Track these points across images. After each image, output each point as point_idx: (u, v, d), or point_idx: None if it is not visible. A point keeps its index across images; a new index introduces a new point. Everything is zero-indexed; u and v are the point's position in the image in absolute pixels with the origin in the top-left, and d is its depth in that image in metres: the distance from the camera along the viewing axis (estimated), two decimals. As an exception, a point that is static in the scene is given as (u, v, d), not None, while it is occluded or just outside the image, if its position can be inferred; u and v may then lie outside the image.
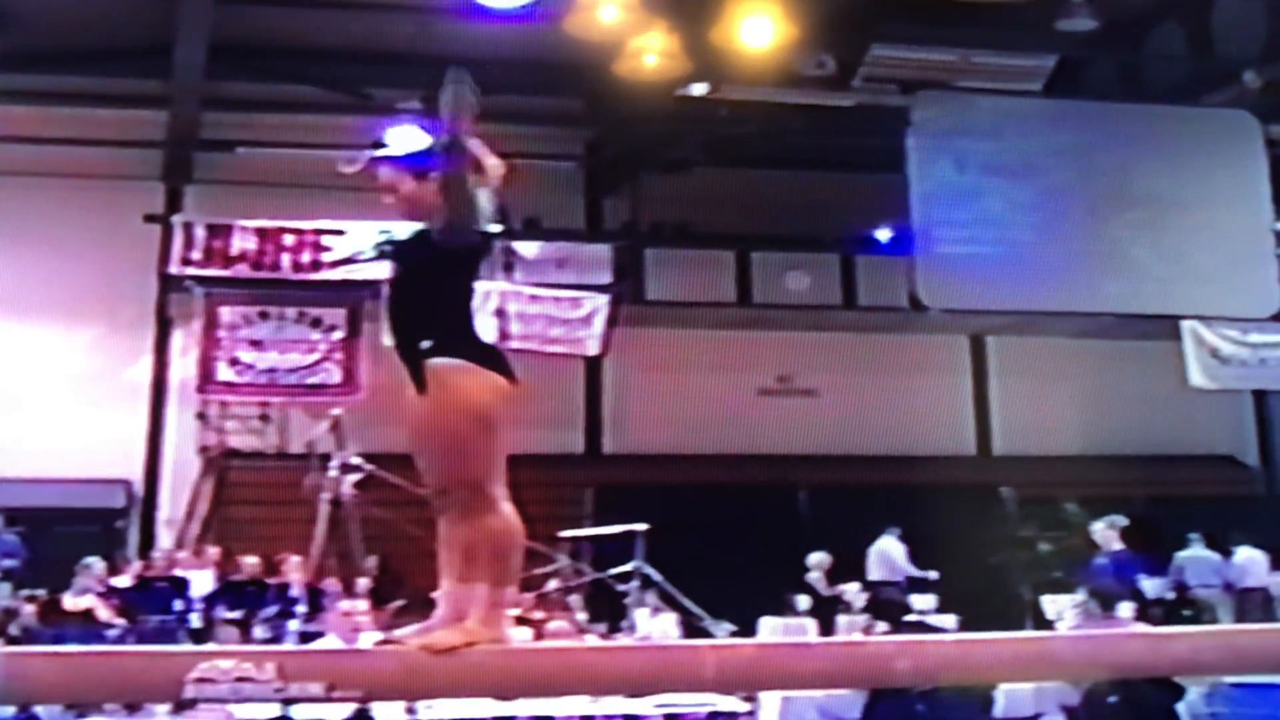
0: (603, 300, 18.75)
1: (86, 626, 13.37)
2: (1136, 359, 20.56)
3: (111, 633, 13.37)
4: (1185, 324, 18.97)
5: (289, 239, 18.57)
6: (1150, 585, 16.45)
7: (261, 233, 18.53)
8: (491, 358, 4.53)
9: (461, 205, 4.51)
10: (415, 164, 4.63)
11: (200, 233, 18.52)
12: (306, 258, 18.57)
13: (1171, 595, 16.78)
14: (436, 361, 4.43)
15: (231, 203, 18.84)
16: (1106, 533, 13.54)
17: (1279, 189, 19.01)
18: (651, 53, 16.95)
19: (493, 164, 4.68)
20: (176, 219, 18.86)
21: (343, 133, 18.47)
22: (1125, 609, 11.87)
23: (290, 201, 18.41)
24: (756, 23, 16.90)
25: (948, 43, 17.95)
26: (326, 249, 18.52)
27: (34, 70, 17.91)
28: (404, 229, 4.72)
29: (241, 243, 18.47)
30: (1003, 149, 18.12)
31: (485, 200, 4.64)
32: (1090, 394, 21.26)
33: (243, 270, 18.51)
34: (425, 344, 4.46)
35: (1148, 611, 14.79)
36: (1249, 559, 17.46)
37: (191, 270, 18.52)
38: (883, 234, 20.15)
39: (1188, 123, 19.01)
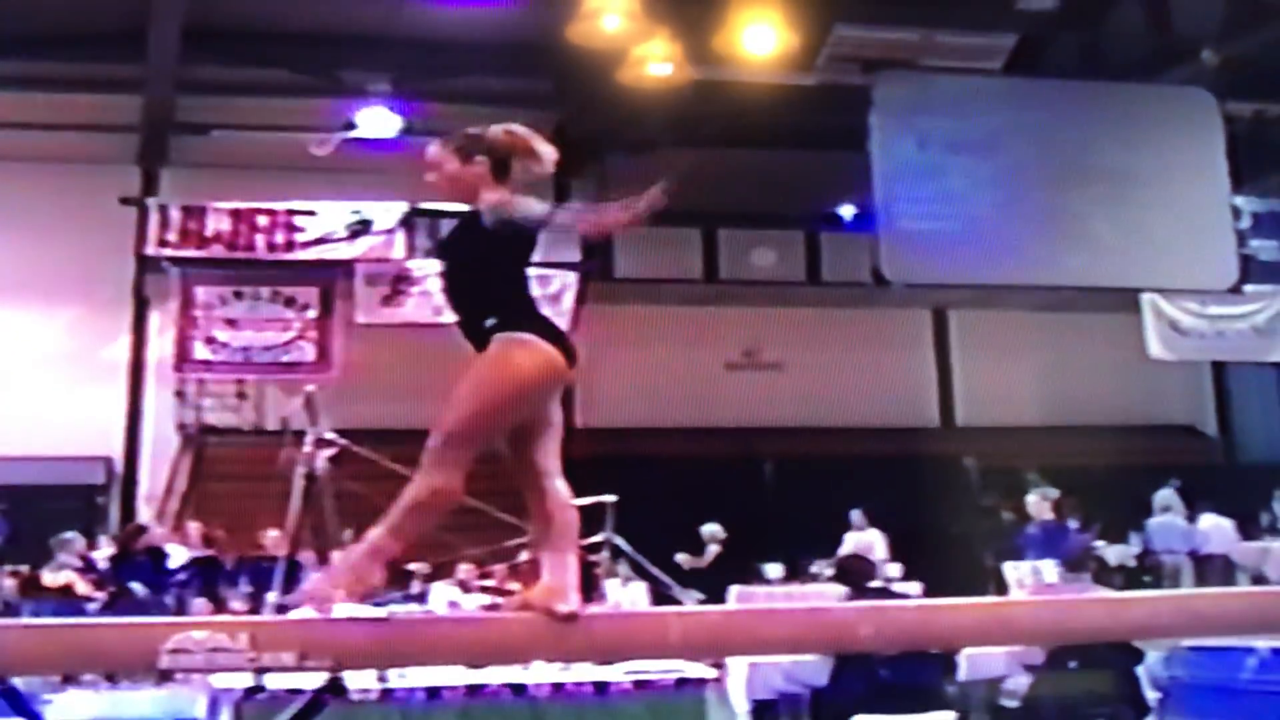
0: (572, 278, 18.80)
1: (66, 600, 13.46)
2: (1097, 331, 20.80)
3: (92, 606, 13.48)
4: (1145, 296, 19.16)
5: (262, 220, 18.62)
6: (1113, 552, 16.89)
7: (235, 214, 18.59)
8: (555, 336, 4.58)
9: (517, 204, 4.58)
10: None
11: (175, 214, 18.57)
12: (280, 238, 18.64)
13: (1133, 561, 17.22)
14: (502, 335, 4.49)
15: (206, 185, 18.89)
16: (1040, 504, 13.87)
17: (1236, 164, 19.21)
18: (655, 60, 17.29)
19: (546, 151, 4.75)
20: (152, 201, 18.91)
21: (315, 115, 18.74)
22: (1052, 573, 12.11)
23: (264, 183, 18.56)
24: (758, 31, 17.30)
25: (909, 22, 18.17)
26: (299, 229, 18.61)
27: (7, 56, 17.88)
28: (448, 211, 4.72)
29: (216, 224, 18.52)
30: (964, 127, 18.23)
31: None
32: (1051, 366, 21.41)
33: (218, 251, 18.57)
34: (490, 321, 4.53)
35: (1108, 578, 15.20)
36: (1214, 525, 17.70)
37: (167, 251, 18.60)
38: (846, 211, 20.40)
39: (1146, 100, 19.22)
